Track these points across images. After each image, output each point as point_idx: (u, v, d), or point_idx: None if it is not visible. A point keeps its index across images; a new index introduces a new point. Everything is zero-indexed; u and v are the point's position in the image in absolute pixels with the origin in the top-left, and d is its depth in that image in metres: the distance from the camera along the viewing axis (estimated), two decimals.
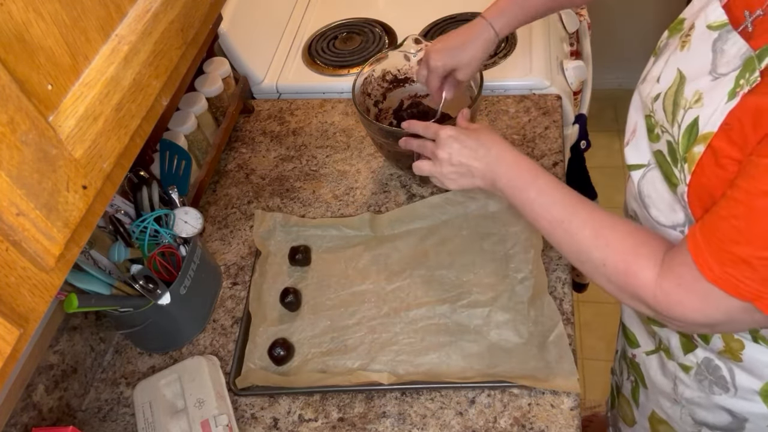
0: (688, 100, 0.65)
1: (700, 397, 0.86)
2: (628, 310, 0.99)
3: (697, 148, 0.63)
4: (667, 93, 0.68)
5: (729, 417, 0.85)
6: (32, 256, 0.52)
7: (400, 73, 1.20)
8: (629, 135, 0.79)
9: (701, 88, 0.64)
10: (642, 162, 0.75)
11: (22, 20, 0.49)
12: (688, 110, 0.65)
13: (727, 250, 0.60)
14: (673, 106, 0.67)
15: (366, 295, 1.03)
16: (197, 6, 0.74)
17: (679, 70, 0.68)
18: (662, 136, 0.69)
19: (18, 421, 0.87)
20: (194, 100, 1.23)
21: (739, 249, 0.59)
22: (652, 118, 0.71)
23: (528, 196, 0.79)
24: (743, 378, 0.80)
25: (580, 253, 0.74)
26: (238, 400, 0.95)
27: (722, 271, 0.61)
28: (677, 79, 0.68)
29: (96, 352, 1.02)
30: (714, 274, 0.61)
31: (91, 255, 0.93)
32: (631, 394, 1.04)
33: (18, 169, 0.48)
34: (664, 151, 0.69)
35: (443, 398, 0.91)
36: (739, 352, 0.77)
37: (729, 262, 0.60)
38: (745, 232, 0.59)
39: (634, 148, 0.77)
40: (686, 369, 0.86)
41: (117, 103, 0.60)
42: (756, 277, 0.59)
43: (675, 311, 0.66)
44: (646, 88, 0.74)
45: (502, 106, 1.27)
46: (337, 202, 1.18)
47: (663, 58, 0.73)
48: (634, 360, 0.99)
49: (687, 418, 0.91)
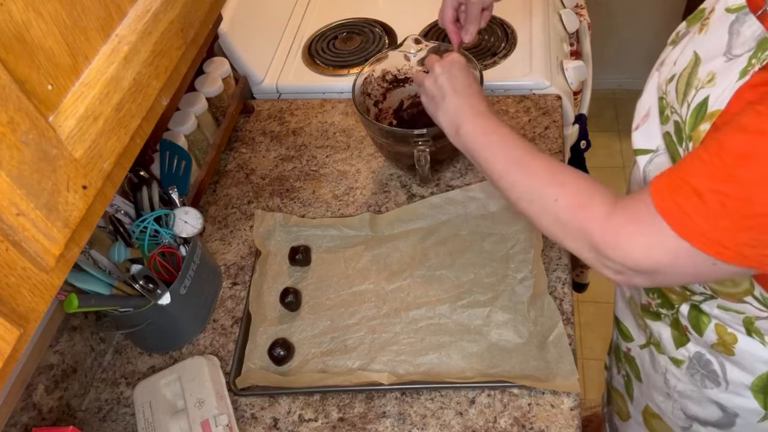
0: (701, 80, 0.65)
1: (692, 390, 0.86)
2: (621, 304, 0.99)
3: (703, 126, 0.62)
4: (682, 74, 0.68)
5: (720, 412, 0.85)
6: (32, 256, 0.52)
7: (400, 73, 1.20)
8: (640, 119, 0.78)
9: (715, 68, 0.64)
10: (650, 147, 0.75)
11: (22, 20, 0.50)
12: (700, 90, 0.64)
13: (685, 180, 0.59)
14: (686, 86, 0.67)
15: (366, 295, 1.03)
16: (197, 6, 0.75)
17: (695, 52, 0.68)
18: (671, 117, 0.69)
19: (18, 421, 0.87)
20: (194, 100, 1.23)
21: (696, 180, 0.58)
22: (665, 99, 0.71)
23: (489, 139, 0.79)
24: (734, 372, 0.80)
25: (532, 192, 0.73)
26: (238, 400, 0.95)
27: (672, 201, 0.59)
28: (692, 60, 0.67)
29: (96, 352, 1.02)
30: (664, 204, 0.59)
31: (91, 255, 0.93)
32: (625, 388, 1.04)
33: (18, 169, 0.48)
34: (671, 132, 0.69)
35: (443, 398, 0.91)
36: (732, 345, 0.78)
37: (682, 193, 0.58)
38: (708, 163, 0.57)
39: (644, 132, 0.76)
40: (678, 363, 0.86)
41: (117, 103, 0.60)
42: (703, 213, 0.57)
43: (620, 248, 0.64)
44: (665, 70, 0.74)
45: (502, 106, 1.27)
46: (337, 202, 1.18)
47: (683, 43, 0.73)
48: (629, 354, 0.99)
49: (679, 413, 0.91)
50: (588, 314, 1.99)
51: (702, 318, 0.80)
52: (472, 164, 1.17)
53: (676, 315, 0.84)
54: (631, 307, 0.95)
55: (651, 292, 0.87)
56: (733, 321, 0.77)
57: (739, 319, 0.76)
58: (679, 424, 0.93)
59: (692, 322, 0.81)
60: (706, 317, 0.79)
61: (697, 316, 0.80)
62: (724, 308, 0.76)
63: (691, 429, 0.92)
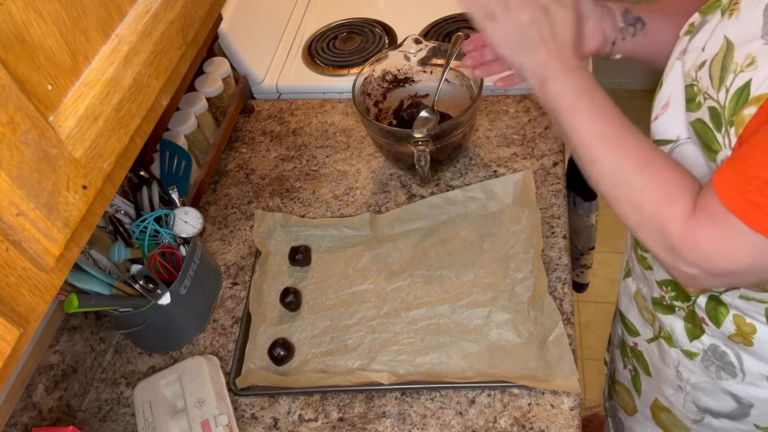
0: (740, 64, 0.63)
1: (706, 382, 0.86)
2: (624, 299, 0.99)
3: (747, 110, 0.61)
4: (714, 59, 0.67)
5: (734, 403, 0.85)
6: (32, 256, 0.52)
7: (400, 73, 1.20)
8: (659, 110, 0.76)
9: (753, 51, 0.62)
10: (670, 137, 0.74)
11: (22, 20, 0.50)
12: (739, 74, 0.63)
13: (752, 174, 0.56)
14: (721, 71, 0.65)
15: (366, 295, 1.03)
16: (197, 6, 0.74)
17: (725, 37, 0.66)
18: (704, 103, 0.67)
19: (18, 421, 0.87)
20: (194, 100, 1.23)
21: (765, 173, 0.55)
22: (695, 86, 0.69)
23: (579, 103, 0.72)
24: (752, 363, 0.80)
25: (620, 173, 0.68)
26: (238, 400, 0.95)
27: (743, 197, 0.57)
28: (724, 45, 0.66)
29: (96, 352, 1.02)
30: (735, 202, 0.57)
31: (91, 255, 0.93)
32: (632, 382, 1.04)
33: (18, 169, 0.48)
34: (705, 119, 0.67)
35: (443, 398, 0.91)
36: (751, 335, 0.77)
37: (753, 189, 0.56)
38: None
39: (665, 122, 0.75)
40: (691, 355, 0.86)
41: (117, 103, 0.60)
42: None
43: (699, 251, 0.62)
44: (690, 57, 0.72)
45: (502, 106, 1.27)
46: (337, 202, 1.18)
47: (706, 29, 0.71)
48: (636, 348, 0.99)
49: (690, 405, 0.91)
50: (588, 314, 1.99)
51: (720, 309, 0.79)
52: (472, 164, 1.17)
53: (692, 307, 0.83)
54: (638, 302, 0.95)
55: (665, 285, 0.86)
56: (753, 310, 0.76)
57: (761, 308, 0.75)
58: (691, 417, 0.92)
59: (710, 314, 0.81)
60: (725, 308, 0.79)
61: (716, 307, 0.79)
62: (746, 298, 0.75)
63: (703, 421, 0.91)
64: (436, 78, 1.16)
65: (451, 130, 1.07)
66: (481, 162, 1.18)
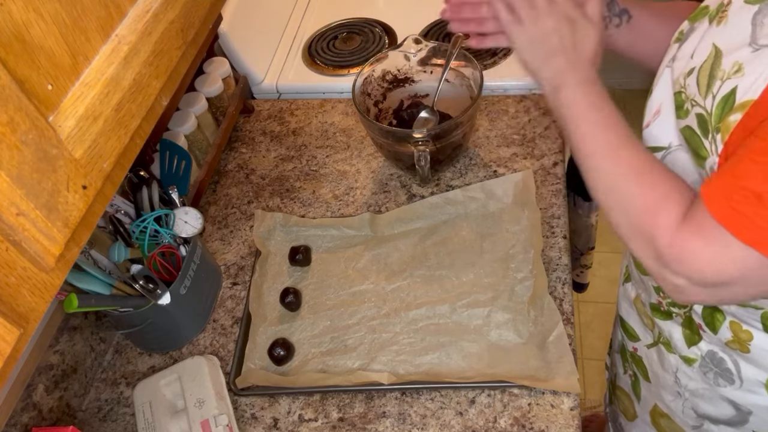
0: (726, 71, 0.64)
1: (704, 388, 0.86)
2: (624, 304, 0.99)
3: (732, 117, 0.61)
4: (702, 66, 0.67)
5: (733, 410, 0.85)
6: (32, 256, 0.52)
7: (400, 73, 1.20)
8: (650, 117, 0.77)
9: (741, 59, 0.63)
10: (662, 144, 0.74)
11: (22, 20, 0.49)
12: (726, 81, 0.63)
13: (740, 185, 0.56)
14: (709, 78, 0.66)
15: (366, 295, 1.03)
16: (197, 6, 0.74)
17: (714, 45, 0.67)
18: (692, 110, 0.68)
19: (18, 421, 0.87)
20: (194, 100, 1.23)
21: (753, 183, 0.55)
22: (683, 93, 0.70)
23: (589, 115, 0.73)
24: (749, 370, 0.79)
25: (616, 182, 0.70)
26: (238, 400, 0.95)
27: (731, 207, 0.56)
28: (713, 53, 0.66)
29: (96, 352, 1.02)
30: (722, 212, 0.57)
31: (91, 255, 0.93)
32: (632, 388, 1.04)
33: (18, 169, 0.48)
34: (693, 126, 0.67)
35: (443, 398, 0.91)
36: (747, 342, 0.77)
37: (740, 199, 0.56)
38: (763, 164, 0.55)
39: (656, 129, 0.75)
40: (689, 362, 0.86)
41: (117, 103, 0.60)
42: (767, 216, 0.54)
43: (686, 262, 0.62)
44: (679, 65, 0.72)
45: (502, 106, 1.27)
46: (337, 202, 1.18)
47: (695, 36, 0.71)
48: (636, 354, 0.99)
49: (689, 412, 0.91)
50: (588, 314, 1.99)
51: (717, 315, 0.79)
52: (472, 164, 1.17)
53: (689, 313, 0.83)
54: (637, 307, 0.95)
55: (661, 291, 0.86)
56: (750, 317, 0.76)
57: (756, 315, 0.75)
58: (690, 423, 0.92)
59: (706, 320, 0.81)
60: (721, 314, 0.79)
61: (712, 314, 0.79)
62: (742, 304, 0.75)
63: (702, 428, 0.91)
64: (436, 78, 1.16)
65: (451, 130, 1.07)
66: (481, 162, 1.18)
